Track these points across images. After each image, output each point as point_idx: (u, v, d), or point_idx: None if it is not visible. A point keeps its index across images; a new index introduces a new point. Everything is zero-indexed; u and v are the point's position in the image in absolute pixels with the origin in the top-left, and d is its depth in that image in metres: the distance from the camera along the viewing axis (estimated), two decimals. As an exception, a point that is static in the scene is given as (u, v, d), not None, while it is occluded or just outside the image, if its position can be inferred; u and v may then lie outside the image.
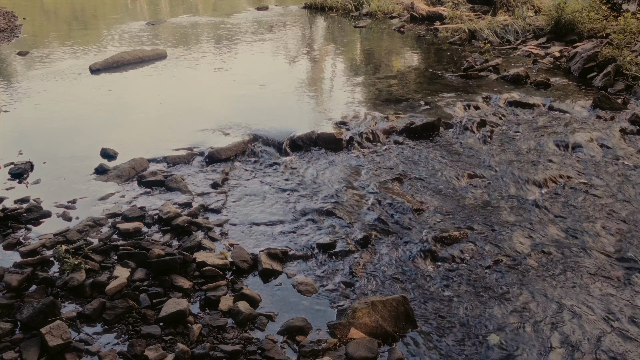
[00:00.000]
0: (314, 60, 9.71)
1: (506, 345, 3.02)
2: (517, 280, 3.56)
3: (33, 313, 2.99)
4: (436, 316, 3.25)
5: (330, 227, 4.16)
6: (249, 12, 15.85)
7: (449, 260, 3.78)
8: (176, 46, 10.75)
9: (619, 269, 3.70)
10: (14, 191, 4.70)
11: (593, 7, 9.76)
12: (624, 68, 7.38)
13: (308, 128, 5.81)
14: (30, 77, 8.45)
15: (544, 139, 5.78)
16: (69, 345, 2.84)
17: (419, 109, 6.57)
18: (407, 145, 5.66)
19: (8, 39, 11.76)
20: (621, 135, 5.87)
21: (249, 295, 3.34)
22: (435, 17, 12.94)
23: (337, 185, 4.83)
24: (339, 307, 3.29)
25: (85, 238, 3.93)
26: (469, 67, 8.36)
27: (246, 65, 9.09)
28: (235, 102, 7.04)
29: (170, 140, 5.70)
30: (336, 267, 3.71)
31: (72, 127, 6.23)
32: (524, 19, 11.07)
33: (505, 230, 4.14)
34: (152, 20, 13.98)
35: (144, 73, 8.74)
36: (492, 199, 4.64)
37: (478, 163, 5.28)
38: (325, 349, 2.93)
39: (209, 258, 3.66)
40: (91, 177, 4.96)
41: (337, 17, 14.59)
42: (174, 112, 6.69)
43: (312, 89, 7.75)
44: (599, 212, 4.42)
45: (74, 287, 3.32)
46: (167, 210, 4.21)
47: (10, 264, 3.60)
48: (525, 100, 6.83)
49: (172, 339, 2.97)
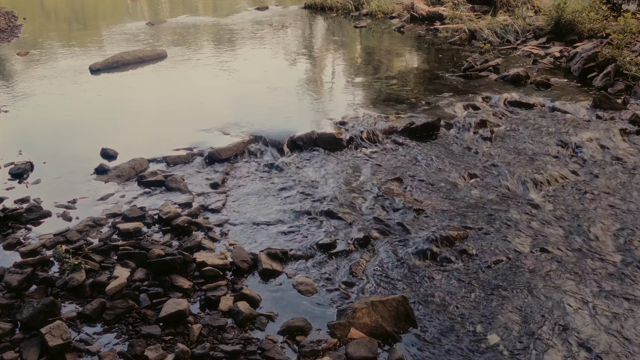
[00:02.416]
0: (314, 61, 9.71)
1: (506, 345, 3.02)
2: (517, 280, 3.56)
3: (33, 313, 2.99)
4: (436, 316, 3.25)
5: (330, 227, 4.16)
6: (249, 12, 15.86)
7: (449, 260, 3.78)
8: (176, 46, 10.75)
9: (619, 269, 3.70)
10: (14, 191, 4.70)
11: (593, 7, 9.76)
12: (624, 68, 7.38)
13: (308, 128, 5.81)
14: (30, 77, 8.45)
15: (544, 139, 5.78)
16: (69, 345, 2.84)
17: (419, 109, 6.57)
18: (407, 146, 5.66)
19: (8, 39, 11.76)
20: (621, 136, 5.87)
21: (249, 295, 3.34)
22: (435, 17, 12.95)
23: (337, 185, 4.83)
24: (339, 307, 3.29)
25: (85, 238, 3.93)
26: (469, 67, 8.36)
27: (246, 65, 9.09)
28: (235, 102, 7.04)
29: (170, 140, 5.70)
30: (336, 267, 3.71)
31: (72, 127, 6.23)
32: (524, 19, 11.08)
33: (505, 230, 4.14)
34: (152, 20, 13.99)
35: (144, 73, 8.74)
36: (492, 199, 4.64)
37: (478, 163, 5.29)
38: (325, 349, 2.93)
39: (209, 258, 3.66)
40: (91, 177, 4.96)
41: (337, 17, 14.59)
42: (174, 112, 6.69)
43: (312, 89, 7.75)
44: (599, 212, 4.42)
45: (74, 287, 3.32)
46: (167, 210, 4.21)
47: (10, 264, 3.60)
48: (525, 100, 6.84)
49: (172, 339, 2.97)
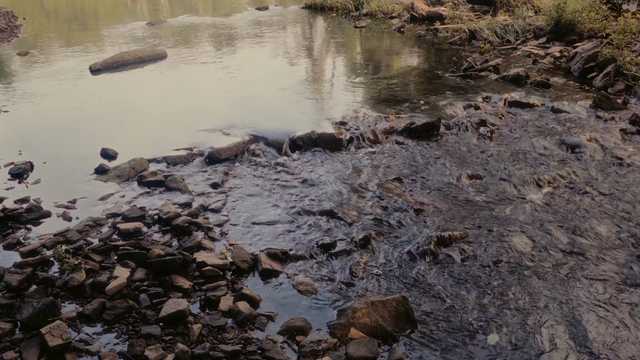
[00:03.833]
0: (314, 60, 9.72)
1: (506, 344, 3.02)
2: (517, 280, 3.56)
3: (33, 313, 2.99)
4: (436, 316, 3.25)
5: (331, 227, 4.16)
6: (249, 12, 15.85)
7: (449, 260, 3.78)
8: (176, 46, 10.75)
9: (619, 269, 3.70)
10: (14, 191, 4.70)
11: (593, 7, 9.76)
12: (624, 68, 7.38)
13: (308, 128, 5.81)
14: (30, 77, 8.45)
15: (544, 139, 5.78)
16: (69, 345, 2.84)
17: (419, 109, 6.58)
18: (407, 146, 5.66)
19: (8, 39, 11.75)
20: (621, 136, 5.87)
21: (249, 295, 3.34)
22: (435, 17, 12.94)
23: (337, 185, 4.83)
24: (339, 307, 3.29)
25: (85, 238, 3.93)
26: (469, 67, 8.36)
27: (246, 65, 9.09)
28: (236, 101, 7.04)
29: (170, 140, 5.70)
30: (336, 267, 3.71)
31: (72, 127, 6.23)
32: (524, 19, 11.08)
33: (505, 230, 4.14)
34: (152, 21, 13.98)
35: (144, 73, 8.74)
36: (492, 199, 4.64)
37: (478, 163, 5.28)
38: (325, 349, 2.93)
39: (209, 258, 3.66)
40: (91, 177, 4.96)
41: (337, 17, 14.59)
42: (174, 112, 6.69)
43: (312, 89, 7.75)
44: (599, 212, 4.42)
45: (74, 287, 3.32)
46: (167, 210, 4.21)
47: (10, 264, 3.60)
48: (525, 100, 6.83)
49: (172, 339, 2.97)
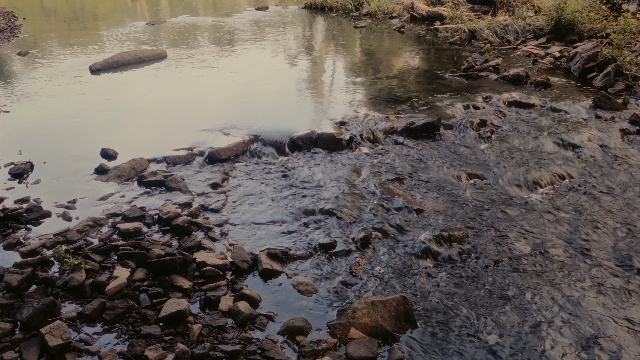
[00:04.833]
0: (314, 61, 9.71)
1: (506, 345, 3.02)
2: (517, 280, 3.56)
3: (33, 313, 2.99)
4: (436, 316, 3.25)
5: (331, 227, 4.16)
6: (249, 12, 15.85)
7: (449, 260, 3.78)
8: (176, 46, 10.75)
9: (619, 269, 3.70)
10: (14, 191, 4.70)
11: (593, 7, 9.76)
12: (624, 68, 7.38)
13: (308, 128, 5.81)
14: (30, 77, 8.45)
15: (544, 139, 5.78)
16: (69, 345, 2.84)
17: (419, 109, 6.57)
18: (407, 145, 5.66)
19: (8, 39, 11.75)
20: (621, 136, 5.87)
21: (249, 295, 3.34)
22: (435, 17, 12.94)
23: (337, 185, 4.83)
24: (339, 307, 3.29)
25: (85, 238, 3.93)
26: (469, 67, 8.36)
27: (246, 65, 9.09)
28: (236, 102, 7.04)
29: (170, 140, 5.70)
30: (336, 267, 3.71)
31: (72, 127, 6.23)
32: (524, 19, 11.08)
33: (505, 230, 4.14)
34: (152, 21, 13.98)
35: (144, 73, 8.74)
36: (492, 198, 4.64)
37: (478, 163, 5.29)
38: (325, 349, 2.93)
39: (209, 258, 3.66)
40: (91, 177, 4.96)
41: (337, 17, 14.59)
42: (174, 112, 6.69)
43: (312, 89, 7.75)
44: (599, 212, 4.42)
45: (74, 287, 3.32)
46: (167, 210, 4.21)
47: (10, 264, 3.60)
48: (525, 100, 6.83)
49: (172, 339, 2.97)
